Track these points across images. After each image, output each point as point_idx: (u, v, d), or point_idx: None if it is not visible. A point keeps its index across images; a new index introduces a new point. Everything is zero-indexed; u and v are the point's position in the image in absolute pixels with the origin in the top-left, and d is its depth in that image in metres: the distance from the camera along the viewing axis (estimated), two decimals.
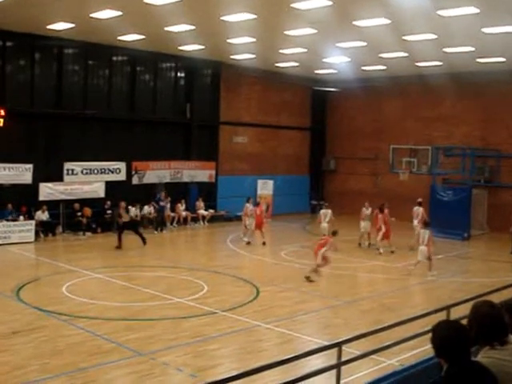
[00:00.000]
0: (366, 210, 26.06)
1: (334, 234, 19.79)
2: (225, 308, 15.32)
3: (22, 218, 25.48)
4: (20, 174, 25.85)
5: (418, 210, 26.43)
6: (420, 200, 26.98)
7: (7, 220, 24.99)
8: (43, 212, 26.21)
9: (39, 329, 13.22)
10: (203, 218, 31.93)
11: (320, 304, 16.58)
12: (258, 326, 13.94)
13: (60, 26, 23.97)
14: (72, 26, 23.85)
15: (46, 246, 24.63)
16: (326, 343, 9.31)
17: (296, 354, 7.73)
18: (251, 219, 26.21)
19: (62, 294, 16.49)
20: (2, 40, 26.03)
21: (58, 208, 27.20)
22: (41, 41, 26.51)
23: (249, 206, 26.61)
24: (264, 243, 25.82)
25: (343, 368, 7.97)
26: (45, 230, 26.27)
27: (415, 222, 25.94)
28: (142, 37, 25.85)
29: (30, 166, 26.07)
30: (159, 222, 29.49)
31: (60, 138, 27.86)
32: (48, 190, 26.75)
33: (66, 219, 27.47)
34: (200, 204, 32.04)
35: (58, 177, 27.15)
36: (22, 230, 24.78)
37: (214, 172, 33.34)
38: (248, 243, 25.73)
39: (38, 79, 27.25)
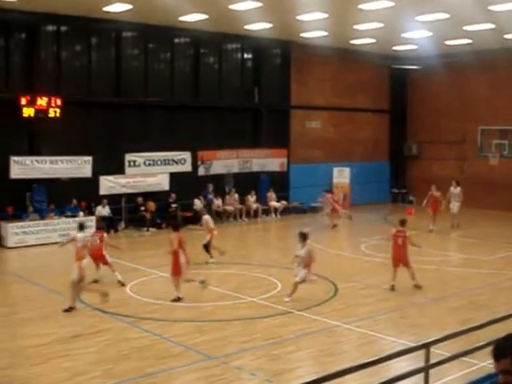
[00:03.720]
0: (454, 189, 27.17)
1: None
2: (301, 307, 15.16)
3: (81, 213, 25.90)
4: (79, 167, 26.30)
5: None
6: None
7: (66, 216, 25.48)
8: (104, 207, 26.60)
9: (102, 332, 13.38)
10: (275, 210, 31.83)
11: (404, 302, 16.20)
12: (338, 327, 13.75)
13: (117, 7, 24.20)
14: (130, 7, 24.05)
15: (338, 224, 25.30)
16: (412, 344, 9.10)
17: (380, 357, 7.56)
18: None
19: (126, 294, 16.68)
20: (57, 25, 26.49)
21: (119, 202, 27.57)
22: (97, 24, 26.86)
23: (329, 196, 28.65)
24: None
25: (431, 371, 7.80)
26: (106, 226, 26.59)
27: None
28: (205, 16, 25.87)
29: (90, 158, 26.48)
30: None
31: (120, 128, 28.19)
32: (109, 184, 27.14)
33: (129, 214, 27.81)
34: (271, 195, 31.92)
35: (119, 169, 27.53)
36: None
37: (285, 160, 33.17)
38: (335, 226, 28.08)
39: (95, 65, 27.65)
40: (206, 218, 21.58)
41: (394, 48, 34.00)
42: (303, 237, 15.88)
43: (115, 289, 17.12)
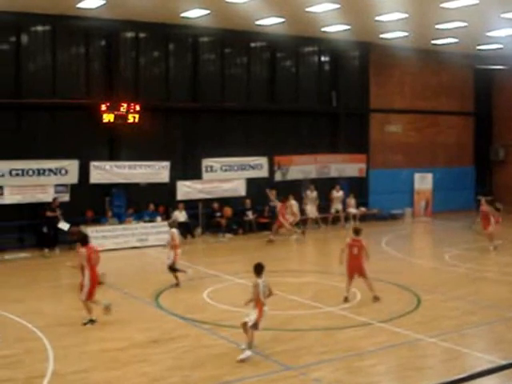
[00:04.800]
0: None
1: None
2: (381, 319, 14.91)
3: (159, 218, 26.28)
4: (157, 172, 26.76)
5: None
6: None
7: (144, 221, 25.89)
8: (181, 212, 26.89)
9: (179, 338, 13.48)
10: (353, 216, 31.56)
11: (492, 315, 15.70)
12: (421, 340, 13.42)
13: (195, 13, 24.54)
14: (207, 12, 24.33)
15: (185, 248, 25.01)
16: (501, 361, 8.77)
17: (466, 374, 7.30)
18: None
19: (203, 300, 16.78)
20: (135, 31, 27.09)
21: (195, 207, 27.82)
22: (175, 30, 27.36)
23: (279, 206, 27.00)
24: None
25: None
26: (183, 231, 26.87)
27: None
28: (282, 20, 25.94)
29: (167, 163, 26.91)
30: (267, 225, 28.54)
31: (197, 133, 28.53)
32: (186, 189, 27.48)
33: (205, 220, 28.04)
34: (350, 201, 31.58)
35: (195, 174, 27.83)
36: (160, 231, 25.51)
37: (364, 165, 32.91)
38: None
39: (172, 71, 28.13)
40: (174, 231, 18.87)
41: (478, 47, 33.27)
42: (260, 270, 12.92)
43: (193, 295, 17.29)
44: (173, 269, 18.52)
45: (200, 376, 11.25)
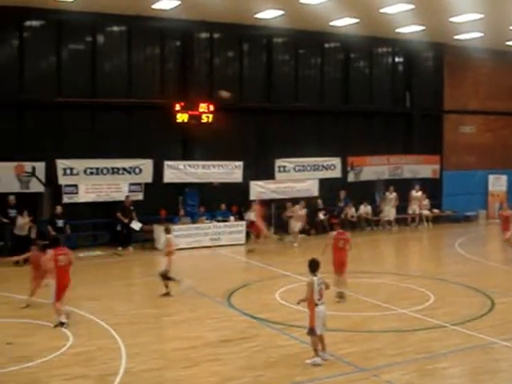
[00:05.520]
0: None
1: None
2: (454, 321, 14.63)
3: (232, 218, 26.38)
4: (230, 171, 26.87)
5: None
6: None
7: (217, 220, 26.01)
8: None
9: (251, 338, 13.48)
10: (426, 218, 31.06)
11: None
12: (495, 343, 13.12)
13: (269, 13, 24.56)
14: (281, 13, 24.33)
15: (257, 248, 25.20)
16: None
17: None
18: None
19: (275, 300, 16.74)
20: (210, 32, 27.29)
21: (268, 208, 27.81)
22: (249, 31, 27.46)
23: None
24: None
25: None
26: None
27: None
28: (356, 20, 25.78)
29: (241, 163, 26.98)
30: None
31: (270, 133, 28.60)
32: (259, 189, 27.49)
33: (277, 220, 28.01)
34: (423, 203, 31.15)
35: (268, 174, 27.84)
36: (233, 231, 25.65)
37: (438, 167, 32.42)
38: None
39: (246, 71, 28.26)
40: (170, 237, 17.68)
41: None
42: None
43: (265, 295, 17.28)
44: (165, 277, 17.07)
45: (272, 376, 11.21)
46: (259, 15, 24.91)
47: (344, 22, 26.17)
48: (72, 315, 14.57)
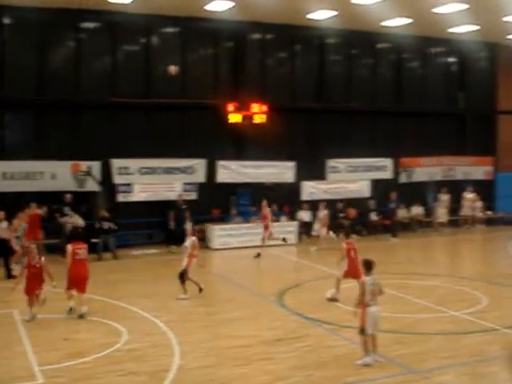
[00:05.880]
0: None
1: None
2: (507, 325, 14.42)
3: (284, 218, 26.41)
4: (282, 172, 26.96)
5: None
6: None
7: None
8: (305, 212, 26.93)
9: (302, 337, 13.50)
10: (479, 220, 30.70)
11: None
12: None
13: (321, 14, 24.57)
14: (334, 13, 24.33)
15: (308, 248, 25.18)
16: None
17: None
18: None
19: (326, 300, 16.73)
20: (262, 33, 27.50)
21: (317, 208, 27.69)
22: (301, 31, 27.50)
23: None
24: None
25: None
26: (307, 231, 26.91)
27: None
28: (409, 21, 25.63)
29: (293, 163, 27.02)
30: (389, 227, 28.23)
31: (322, 134, 28.54)
32: (310, 189, 27.53)
33: (329, 220, 27.94)
34: (476, 204, 30.78)
35: (320, 175, 27.83)
36: (284, 231, 25.65)
37: (491, 168, 31.98)
38: None
39: (298, 72, 28.29)
40: (194, 239, 17.35)
41: None
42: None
43: (316, 295, 17.27)
44: (183, 278, 16.97)
45: (323, 375, 11.23)
46: (311, 16, 24.93)
47: (396, 23, 26.04)
48: (76, 311, 14.89)
